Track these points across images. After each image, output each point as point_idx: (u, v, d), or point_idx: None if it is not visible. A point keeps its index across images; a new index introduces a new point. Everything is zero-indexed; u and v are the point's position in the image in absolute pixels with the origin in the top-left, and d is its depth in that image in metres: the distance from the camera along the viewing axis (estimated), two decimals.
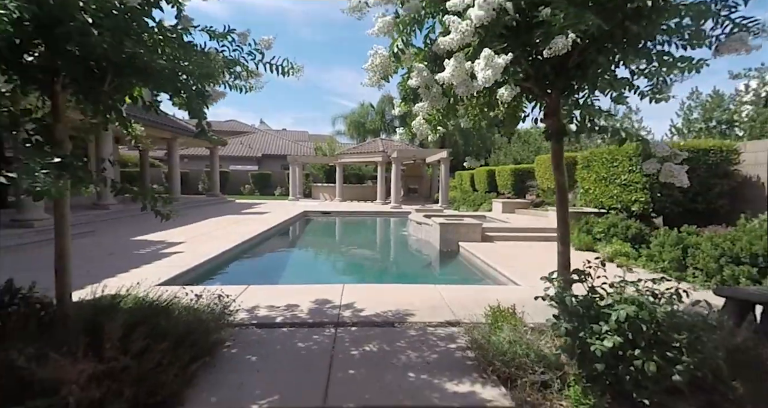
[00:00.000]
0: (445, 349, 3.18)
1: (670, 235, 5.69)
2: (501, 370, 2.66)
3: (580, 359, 2.46)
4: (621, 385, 2.33)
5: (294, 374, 2.76)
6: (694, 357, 2.14)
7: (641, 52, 2.60)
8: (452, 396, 2.51)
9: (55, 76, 2.73)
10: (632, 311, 2.21)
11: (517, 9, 2.07)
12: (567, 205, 3.12)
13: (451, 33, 1.98)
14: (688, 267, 5.32)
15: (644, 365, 2.16)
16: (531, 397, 2.46)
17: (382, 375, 2.77)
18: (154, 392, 2.37)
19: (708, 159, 6.56)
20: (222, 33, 3.10)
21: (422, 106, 2.63)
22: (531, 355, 2.67)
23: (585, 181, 8.61)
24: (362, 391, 2.55)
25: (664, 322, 2.24)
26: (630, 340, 2.25)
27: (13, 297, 3.08)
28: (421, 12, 2.47)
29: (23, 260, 6.29)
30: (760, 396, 2.37)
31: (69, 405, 2.08)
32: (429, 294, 4.65)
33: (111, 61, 2.58)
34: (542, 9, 1.97)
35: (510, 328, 3.03)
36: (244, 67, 3.23)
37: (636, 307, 2.23)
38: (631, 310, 2.21)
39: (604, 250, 6.77)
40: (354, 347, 3.21)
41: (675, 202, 6.66)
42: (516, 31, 2.11)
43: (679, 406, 2.30)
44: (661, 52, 2.58)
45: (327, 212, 16.58)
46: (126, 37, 2.46)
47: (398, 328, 3.64)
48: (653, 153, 2.53)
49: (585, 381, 2.42)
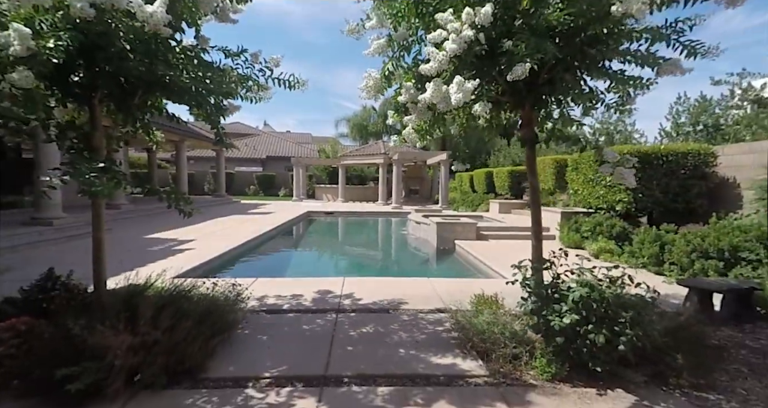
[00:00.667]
0: (433, 331, 3.60)
1: (649, 233, 6.08)
2: (479, 346, 3.07)
3: (544, 334, 2.87)
4: (579, 356, 2.74)
5: (300, 351, 3.18)
6: (636, 330, 2.55)
7: (601, 72, 3.01)
8: (436, 367, 2.92)
9: (94, 91, 3.15)
10: (585, 292, 2.62)
11: (487, 39, 2.49)
12: (539, 205, 3.54)
13: (430, 61, 2.40)
14: (665, 262, 5.71)
15: (595, 338, 2.58)
16: (503, 368, 2.87)
17: (376, 351, 3.18)
18: (181, 361, 2.79)
19: (687, 162, 6.94)
20: (236, 52, 3.51)
21: (411, 118, 3.06)
22: (506, 333, 3.08)
23: (574, 182, 9.01)
24: (358, 364, 2.96)
25: (612, 302, 2.64)
26: (584, 317, 2.66)
27: (54, 283, 3.53)
28: (409, 39, 2.90)
29: (45, 255, 6.75)
30: (697, 365, 2.77)
31: (114, 368, 2.51)
32: (422, 286, 5.06)
33: (143, 79, 3.01)
34: (505, 41, 2.38)
35: (490, 312, 3.44)
36: (255, 82, 3.65)
37: (588, 289, 2.64)
38: (584, 291, 2.62)
39: (591, 247, 7.17)
40: (352, 329, 3.63)
41: (655, 202, 7.05)
42: (484, 60, 2.52)
43: (627, 373, 2.71)
44: (616, 71, 2.99)
45: (330, 212, 17.02)
46: (158, 60, 2.88)
47: (392, 314, 4.06)
48: (606, 159, 2.92)
49: (550, 353, 2.84)
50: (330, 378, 2.76)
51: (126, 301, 3.20)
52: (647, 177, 6.95)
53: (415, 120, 3.06)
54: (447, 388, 2.65)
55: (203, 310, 3.32)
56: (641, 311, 2.62)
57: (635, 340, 2.53)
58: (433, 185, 24.36)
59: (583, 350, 2.70)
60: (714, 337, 3.55)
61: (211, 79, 3.28)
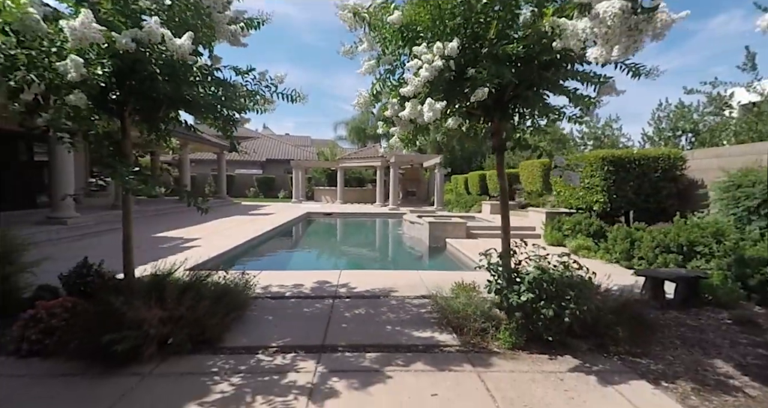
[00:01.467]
0: (417, 313, 4.14)
1: (621, 231, 6.63)
2: (454, 322, 3.61)
3: (507, 311, 3.41)
4: (535, 328, 3.28)
5: (301, 327, 3.71)
6: (579, 305, 3.09)
7: (560, 90, 3.55)
8: (416, 339, 3.46)
9: (125, 106, 3.69)
10: (538, 275, 3.16)
11: (456, 66, 3.04)
12: (507, 204, 4.08)
13: (409, 85, 2.95)
14: (634, 257, 6.26)
15: (546, 312, 3.12)
16: (473, 340, 3.40)
17: (366, 328, 3.72)
18: (202, 333, 3.32)
19: (658, 165, 7.50)
20: (245, 70, 4.06)
21: (396, 130, 3.61)
22: (477, 312, 3.61)
23: (557, 184, 9.57)
24: (351, 337, 3.50)
25: (560, 282, 3.18)
26: (538, 295, 3.20)
27: (89, 270, 4.07)
28: (393, 63, 3.45)
29: (62, 251, 7.25)
30: (634, 337, 3.31)
31: (148, 336, 3.04)
32: (411, 277, 5.60)
33: (168, 96, 3.55)
34: (469, 69, 2.93)
35: (466, 296, 3.97)
36: (262, 97, 4.18)
37: (541, 272, 3.19)
38: (537, 273, 3.17)
39: (570, 244, 7.71)
40: (347, 311, 4.16)
41: (629, 203, 7.60)
42: (453, 83, 3.07)
43: (574, 343, 3.25)
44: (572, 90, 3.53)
45: (328, 213, 17.55)
46: (181, 81, 3.43)
47: (382, 299, 4.59)
48: (556, 164, 3.46)
49: (511, 327, 3.37)
50: (327, 347, 3.30)
51: (153, 285, 3.74)
52: (621, 179, 7.52)
53: (400, 131, 3.62)
54: (424, 354, 3.19)
55: (218, 294, 3.87)
56: (582, 289, 3.16)
57: (578, 313, 3.07)
58: (430, 187, 24.91)
59: (538, 323, 3.24)
60: (661, 318, 4.10)
61: (224, 95, 3.83)
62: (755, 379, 2.88)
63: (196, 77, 3.70)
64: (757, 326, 3.89)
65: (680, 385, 2.77)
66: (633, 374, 2.91)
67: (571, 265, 3.36)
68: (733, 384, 2.81)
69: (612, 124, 16.08)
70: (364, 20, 3.43)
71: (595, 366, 3.03)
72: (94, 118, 3.48)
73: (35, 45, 2.87)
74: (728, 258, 4.83)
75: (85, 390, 2.63)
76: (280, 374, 2.84)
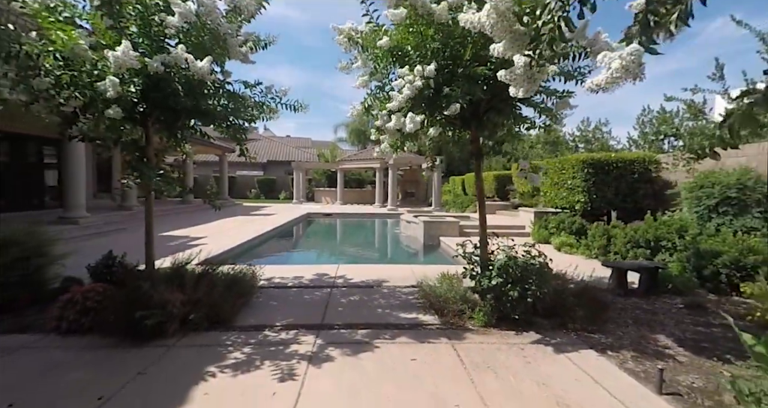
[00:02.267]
0: (405, 299, 4.65)
1: (599, 228, 7.15)
2: (436, 305, 4.12)
3: (480, 294, 3.93)
4: (504, 309, 3.79)
5: (302, 311, 4.23)
6: (539, 288, 3.61)
7: (529, 103, 4.06)
8: (403, 319, 3.98)
9: (149, 116, 4.21)
10: (504, 261, 3.68)
11: (435, 84, 3.57)
12: (484, 204, 4.62)
13: (393, 101, 3.47)
14: (610, 252, 6.78)
15: (512, 293, 3.64)
16: (452, 320, 3.91)
17: (360, 311, 4.23)
18: (217, 314, 3.83)
19: (634, 168, 8.02)
20: (252, 84, 4.58)
21: (385, 137, 4.13)
22: (456, 296, 4.13)
23: (544, 185, 10.10)
24: (346, 318, 4.01)
25: (523, 268, 3.70)
26: (505, 279, 3.72)
27: (114, 261, 4.59)
28: (383, 81, 3.99)
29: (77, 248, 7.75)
30: (591, 317, 3.83)
31: (171, 315, 3.55)
32: (403, 270, 6.12)
33: (187, 108, 4.07)
34: (445, 88, 3.46)
35: (448, 283, 4.49)
36: (268, 107, 4.70)
37: (507, 259, 3.71)
38: (504, 260, 3.69)
39: (555, 241, 8.24)
40: (343, 298, 4.68)
41: (608, 203, 8.13)
42: (432, 99, 3.59)
43: (538, 321, 3.77)
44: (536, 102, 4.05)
45: (328, 214, 18.07)
46: (199, 96, 3.95)
47: (375, 289, 5.11)
48: (521, 167, 3.98)
49: (485, 308, 3.89)
50: (325, 325, 3.81)
51: (172, 273, 4.27)
52: (600, 181, 8.05)
53: (389, 139, 4.14)
54: (408, 331, 3.70)
55: (229, 282, 4.39)
56: (542, 274, 3.68)
57: (538, 294, 3.59)
58: (428, 188, 25.42)
59: (506, 304, 3.76)
60: (621, 303, 4.63)
61: (235, 106, 4.35)
62: (687, 350, 3.39)
63: (210, 91, 4.23)
64: (704, 309, 4.41)
65: (622, 354, 3.29)
66: (584, 346, 3.43)
67: (533, 254, 3.89)
68: (667, 353, 3.33)
69: (602, 127, 16.61)
70: (357, 44, 3.96)
71: (554, 340, 3.54)
72: (123, 128, 4.00)
73: (77, 67, 3.40)
74: (687, 251, 5.34)
75: (124, 357, 3.15)
76: (284, 345, 3.36)
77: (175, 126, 4.41)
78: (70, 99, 3.47)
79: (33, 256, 4.37)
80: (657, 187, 8.08)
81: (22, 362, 3.07)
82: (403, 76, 3.47)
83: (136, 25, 3.71)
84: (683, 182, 6.81)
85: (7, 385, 2.70)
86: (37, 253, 4.43)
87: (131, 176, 3.95)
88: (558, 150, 17.42)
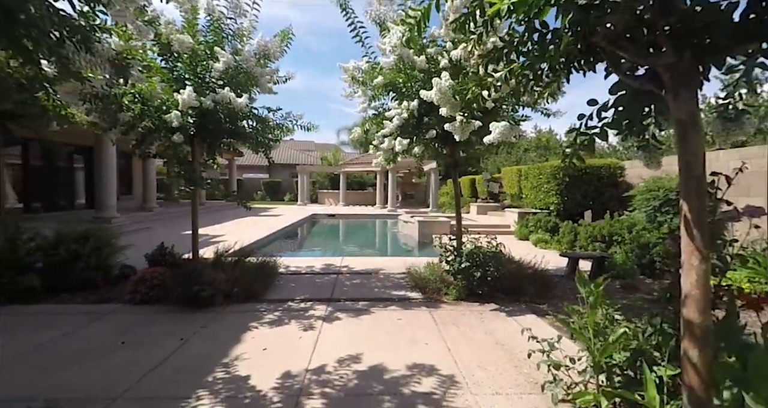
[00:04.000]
0: (397, 282, 5.80)
1: (567, 226, 8.28)
2: (421, 285, 5.26)
3: (453, 276, 5.07)
4: (472, 286, 4.92)
5: (315, 289, 5.38)
6: (497, 269, 4.74)
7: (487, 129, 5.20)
8: (394, 295, 5.12)
9: (196, 136, 5.37)
10: (470, 249, 4.82)
11: (418, 115, 4.71)
12: (460, 205, 5.75)
13: (386, 129, 4.62)
14: (576, 246, 7.90)
15: (476, 274, 4.77)
16: (432, 296, 5.05)
17: (360, 289, 5.38)
18: (251, 290, 4.99)
19: (601, 173, 9.13)
20: (274, 109, 5.73)
21: (380, 153, 5.29)
22: (436, 278, 5.27)
23: (525, 188, 11.24)
24: (350, 294, 5.16)
25: (485, 254, 4.84)
26: (472, 263, 4.85)
27: (165, 251, 5.75)
28: (379, 109, 5.15)
29: None
30: (539, 293, 4.95)
31: (218, 289, 4.71)
32: (398, 261, 7.26)
33: (225, 131, 5.22)
34: (425, 118, 4.60)
35: (431, 269, 5.63)
36: (286, 127, 5.85)
37: (474, 247, 4.85)
38: (470, 249, 4.83)
39: (533, 237, 9.36)
40: (347, 281, 5.83)
41: (578, 204, 9.25)
42: (416, 126, 4.73)
43: (498, 295, 4.90)
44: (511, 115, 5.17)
45: (332, 215, 19.23)
46: (236, 121, 5.11)
47: (373, 275, 6.25)
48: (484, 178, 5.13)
49: (457, 286, 5.02)
50: (333, 299, 4.96)
51: (214, 260, 5.43)
52: (570, 185, 9.17)
53: (383, 155, 5.30)
54: (397, 303, 4.85)
55: (257, 267, 5.56)
56: (499, 259, 4.82)
57: (496, 274, 4.73)
58: (427, 190, 26.55)
59: (473, 283, 4.89)
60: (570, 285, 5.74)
61: (260, 127, 5.51)
62: None
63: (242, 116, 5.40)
64: (635, 288, 5.53)
65: (555, 317, 4.41)
66: (529, 312, 4.56)
67: (494, 244, 5.03)
68: None
69: None
70: (358, 81, 5.12)
71: (508, 308, 4.68)
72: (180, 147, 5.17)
73: (149, 103, 4.57)
74: (632, 244, 6.46)
75: (188, 318, 4.30)
76: (304, 311, 4.51)
77: (215, 144, 5.57)
78: (141, 128, 4.64)
79: (103, 247, 5.54)
80: (621, 191, 9.20)
81: (115, 320, 4.23)
82: (392, 109, 4.62)
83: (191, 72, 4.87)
84: (637, 186, 7.93)
85: (115, 332, 3.86)
86: (107, 244, 5.60)
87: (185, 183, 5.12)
88: (548, 153, 18.53)
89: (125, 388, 2.79)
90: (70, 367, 3.12)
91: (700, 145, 1.79)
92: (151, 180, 16.18)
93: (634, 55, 1.80)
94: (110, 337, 3.75)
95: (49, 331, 3.86)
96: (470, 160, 5.50)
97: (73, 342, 3.63)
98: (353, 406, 2.60)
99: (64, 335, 3.76)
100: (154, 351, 3.42)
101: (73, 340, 3.66)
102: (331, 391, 2.76)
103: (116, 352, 3.43)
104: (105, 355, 3.34)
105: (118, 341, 3.63)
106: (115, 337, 3.75)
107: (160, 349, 3.46)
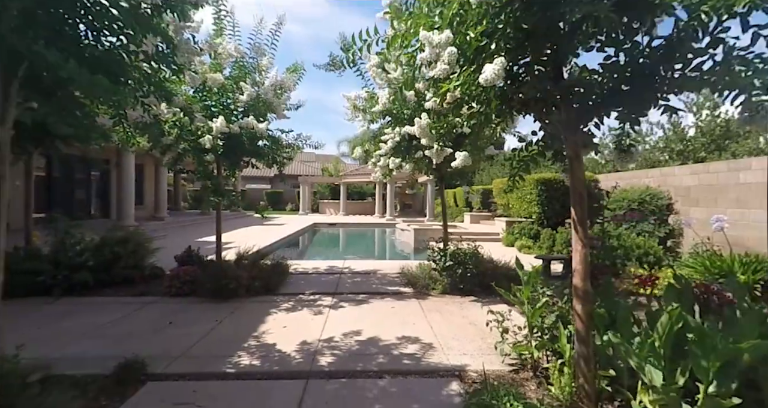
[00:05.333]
0: (392, 280, 6.70)
1: (546, 233, 9.20)
2: (412, 282, 6.16)
3: (440, 273, 5.98)
4: (455, 283, 5.82)
5: (322, 286, 6.27)
6: (475, 268, 5.65)
7: None
8: (389, 289, 6.02)
9: (222, 156, 6.31)
10: (453, 251, 5.74)
11: (409, 138, 5.66)
12: (446, 213, 6.68)
13: (381, 149, 5.57)
14: (553, 251, 8.80)
15: (458, 271, 5.68)
16: (422, 290, 5.95)
17: (361, 286, 6.28)
18: (267, 285, 5.88)
19: None
20: (286, 131, 6.70)
21: (377, 169, 6.24)
22: (426, 276, 6.17)
23: (511, 199, 12.19)
24: (351, 289, 6.05)
25: (465, 254, 5.75)
26: (455, 262, 5.76)
27: (191, 253, 6.66)
28: (376, 132, 6.12)
29: None
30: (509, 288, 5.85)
31: (241, 284, 5.60)
32: (394, 264, 8.15)
33: (246, 150, 6.17)
34: (414, 141, 5.55)
35: (421, 269, 6.54)
36: (297, 147, 6.81)
37: (456, 249, 5.77)
38: (453, 250, 5.74)
39: (517, 243, 10.27)
40: (348, 280, 6.73)
41: (556, 213, 10.19)
42: (407, 148, 5.68)
43: (477, 290, 5.81)
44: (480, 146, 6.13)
45: (333, 223, 20.14)
46: (255, 142, 6.06)
47: (371, 274, 7.15)
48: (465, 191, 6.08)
49: (442, 283, 5.91)
50: (337, 293, 5.86)
51: (236, 260, 6.34)
52: (550, 196, 10.13)
53: (380, 171, 6.25)
54: (392, 295, 5.74)
55: (272, 267, 6.46)
56: (477, 259, 5.73)
57: (474, 271, 5.64)
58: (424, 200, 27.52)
59: (456, 279, 5.79)
60: None
61: (274, 146, 6.46)
62: None
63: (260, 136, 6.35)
64: None
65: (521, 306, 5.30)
66: (501, 302, 5.44)
67: (474, 246, 5.95)
68: None
69: None
70: (359, 109, 6.10)
71: (484, 300, 5.57)
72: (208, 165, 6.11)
73: (185, 128, 5.53)
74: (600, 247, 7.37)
75: (217, 306, 5.18)
76: (313, 301, 5.41)
77: (237, 162, 6.52)
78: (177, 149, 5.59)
79: (139, 249, 6.45)
80: (593, 201, 10.14)
81: (157, 308, 5.12)
82: (386, 134, 5.58)
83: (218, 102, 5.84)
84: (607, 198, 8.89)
85: (161, 316, 4.75)
86: (142, 247, 6.51)
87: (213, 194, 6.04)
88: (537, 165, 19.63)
89: (182, 352, 3.67)
90: (135, 338, 4.01)
91: (582, 172, 2.74)
92: (162, 190, 17.13)
93: (537, 113, 2.76)
94: (158, 319, 4.64)
95: (107, 316, 4.75)
96: (463, 174, 6.43)
97: (130, 323, 4.52)
98: (356, 361, 3.50)
99: (123, 316, 4.66)
100: (196, 328, 4.31)
101: (130, 321, 4.55)
102: (339, 353, 3.66)
103: (166, 329, 4.32)
104: (159, 332, 4.23)
105: (166, 322, 4.52)
106: (163, 319, 4.64)
107: (201, 327, 4.35)
